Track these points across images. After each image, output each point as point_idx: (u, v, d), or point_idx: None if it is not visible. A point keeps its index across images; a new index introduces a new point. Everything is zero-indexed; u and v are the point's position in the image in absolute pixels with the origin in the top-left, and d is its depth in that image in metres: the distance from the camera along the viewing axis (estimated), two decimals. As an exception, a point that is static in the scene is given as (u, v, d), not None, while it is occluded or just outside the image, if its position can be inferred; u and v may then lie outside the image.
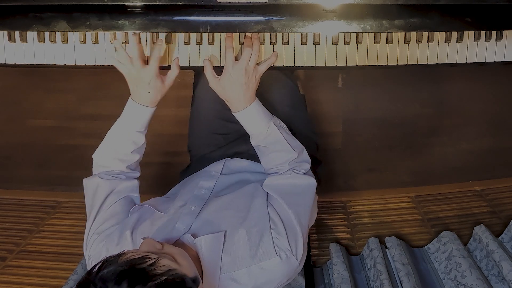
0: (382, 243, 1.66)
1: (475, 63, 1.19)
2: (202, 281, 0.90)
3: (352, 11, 1.09)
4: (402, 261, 1.52)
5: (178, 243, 0.97)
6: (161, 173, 2.08)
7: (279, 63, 1.15)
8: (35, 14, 1.10)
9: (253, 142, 1.16)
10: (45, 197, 2.08)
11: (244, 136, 1.40)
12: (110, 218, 1.07)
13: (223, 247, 0.96)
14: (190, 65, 1.17)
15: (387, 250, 1.63)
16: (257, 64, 1.11)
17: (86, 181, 1.18)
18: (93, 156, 1.20)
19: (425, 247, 1.67)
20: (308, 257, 1.58)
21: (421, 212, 1.89)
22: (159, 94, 1.12)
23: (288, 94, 1.42)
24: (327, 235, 1.82)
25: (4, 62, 1.19)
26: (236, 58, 1.11)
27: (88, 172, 2.22)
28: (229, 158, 1.30)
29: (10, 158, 2.14)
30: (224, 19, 1.09)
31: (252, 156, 1.31)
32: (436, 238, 1.65)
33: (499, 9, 1.10)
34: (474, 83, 2.03)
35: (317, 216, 1.86)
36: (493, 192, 2.01)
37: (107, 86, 2.02)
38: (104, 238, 1.03)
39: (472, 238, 1.65)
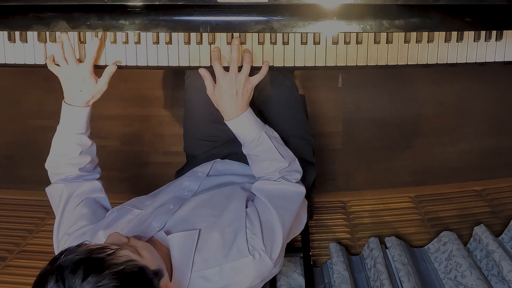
0: (382, 243, 1.66)
1: (475, 63, 1.19)
2: (171, 278, 0.90)
3: (352, 11, 1.09)
4: (402, 261, 1.52)
5: (151, 240, 0.97)
6: (161, 173, 2.09)
7: (279, 63, 1.15)
8: (35, 14, 1.10)
9: (244, 150, 1.17)
10: (45, 197, 2.05)
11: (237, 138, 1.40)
12: (79, 219, 1.08)
13: (196, 245, 0.96)
14: (190, 65, 1.17)
15: (387, 250, 1.63)
16: (251, 76, 1.11)
17: (48, 190, 1.18)
18: (46, 165, 1.20)
19: (425, 247, 1.67)
20: (308, 257, 1.58)
21: (421, 212, 1.89)
22: (91, 94, 1.12)
23: (287, 94, 1.42)
24: (327, 235, 1.82)
25: (4, 62, 1.19)
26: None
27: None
28: (219, 160, 1.30)
29: (10, 158, 2.14)
30: (224, 19, 1.09)
31: (245, 157, 1.31)
32: (436, 238, 1.65)
33: (499, 9, 1.10)
34: (474, 83, 2.03)
35: (317, 216, 1.87)
36: (493, 192, 2.01)
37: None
38: (76, 238, 1.04)
39: (472, 238, 1.65)
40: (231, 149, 1.33)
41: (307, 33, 1.13)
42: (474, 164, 2.11)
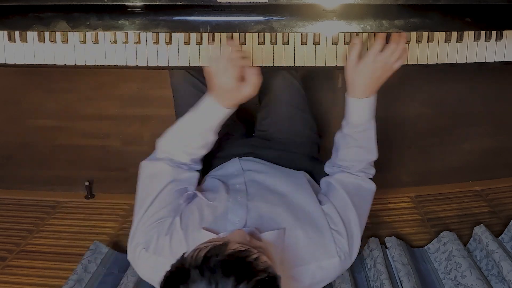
0: (382, 243, 1.66)
1: (475, 63, 1.19)
2: None
3: (352, 11, 1.09)
4: (402, 261, 1.52)
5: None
6: (161, 173, 2.09)
7: (279, 63, 1.15)
8: (35, 14, 1.10)
9: (345, 130, 1.15)
10: (45, 197, 2.07)
11: (241, 139, 1.40)
12: (167, 206, 1.04)
13: (284, 244, 0.96)
14: (190, 65, 1.17)
15: (387, 250, 1.63)
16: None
17: (147, 164, 1.13)
18: (159, 142, 1.15)
19: (425, 247, 1.67)
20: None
21: (421, 212, 1.89)
22: (242, 98, 1.09)
23: (294, 93, 1.43)
24: (327, 235, 1.81)
25: (4, 62, 1.19)
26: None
27: (89, 172, 2.21)
28: (237, 158, 1.29)
29: (10, 158, 2.14)
30: (224, 19, 1.09)
31: (257, 156, 1.31)
32: (436, 238, 1.65)
33: (499, 9, 1.10)
34: (474, 83, 2.02)
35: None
36: (493, 192, 2.01)
37: (107, 86, 2.02)
38: (156, 225, 1.00)
39: (472, 238, 1.65)
40: (234, 151, 1.33)
41: (307, 33, 1.13)
42: (474, 164, 2.10)
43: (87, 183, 2.04)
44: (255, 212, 1.01)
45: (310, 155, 1.39)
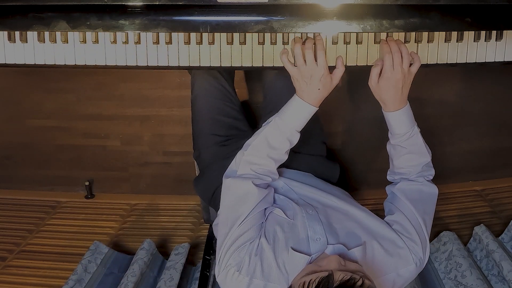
0: (382, 243, 1.66)
1: (475, 63, 1.19)
2: None
3: (352, 11, 1.09)
4: (402, 261, 1.52)
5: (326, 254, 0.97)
6: (161, 173, 2.09)
7: (279, 63, 1.15)
8: (35, 14, 1.10)
9: (392, 141, 1.17)
10: (45, 197, 2.08)
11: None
12: (253, 226, 1.03)
13: (365, 258, 0.98)
14: (190, 65, 1.17)
15: (387, 250, 1.63)
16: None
17: (234, 182, 1.10)
18: (242, 154, 1.13)
19: (425, 247, 1.67)
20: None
21: (421, 212, 1.89)
22: (326, 92, 1.11)
23: None
24: (327, 235, 1.81)
25: (4, 62, 1.19)
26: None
27: (89, 172, 2.21)
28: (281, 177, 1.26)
29: (10, 158, 2.14)
30: (224, 19, 1.09)
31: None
32: (436, 238, 1.65)
33: (499, 9, 1.10)
34: (474, 83, 2.02)
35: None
36: (493, 192, 2.01)
37: (107, 86, 2.02)
38: (246, 247, 1.00)
39: (472, 238, 1.65)
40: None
41: (307, 33, 1.13)
42: (474, 164, 2.10)
43: (87, 183, 2.04)
44: (329, 228, 1.03)
45: (319, 154, 1.41)
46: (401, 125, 1.14)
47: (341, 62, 1.11)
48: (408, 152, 1.16)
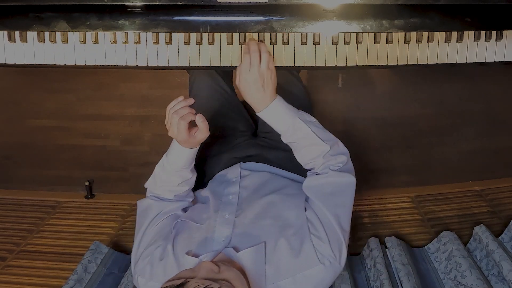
0: (382, 243, 1.66)
1: (475, 63, 1.19)
2: None
3: (352, 11, 1.09)
4: (402, 261, 1.52)
5: (222, 257, 0.97)
6: (161, 173, 2.08)
7: (279, 63, 1.15)
8: (35, 14, 1.10)
9: (283, 140, 1.15)
10: (45, 197, 2.07)
11: (249, 140, 1.41)
12: (157, 236, 1.10)
13: (265, 258, 0.96)
14: (190, 65, 1.17)
15: (387, 250, 1.63)
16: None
17: (139, 202, 1.22)
18: (145, 185, 1.24)
19: (425, 247, 1.67)
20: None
21: (421, 212, 1.89)
22: (198, 142, 1.12)
23: (299, 96, 1.43)
24: (327, 235, 1.81)
25: (4, 62, 1.19)
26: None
27: (89, 172, 2.22)
28: (242, 163, 1.30)
29: (10, 158, 2.14)
30: (224, 19, 1.09)
31: (265, 159, 1.31)
32: (436, 238, 1.65)
33: (499, 9, 1.10)
34: (474, 83, 2.02)
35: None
36: (493, 192, 2.01)
37: (107, 86, 2.02)
38: (149, 254, 1.06)
39: (472, 238, 1.65)
40: (248, 152, 1.35)
41: (307, 33, 1.13)
42: (474, 164, 2.10)
43: (87, 183, 2.04)
44: (240, 229, 1.03)
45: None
46: (279, 122, 1.12)
47: (205, 126, 1.08)
48: (302, 146, 1.13)
